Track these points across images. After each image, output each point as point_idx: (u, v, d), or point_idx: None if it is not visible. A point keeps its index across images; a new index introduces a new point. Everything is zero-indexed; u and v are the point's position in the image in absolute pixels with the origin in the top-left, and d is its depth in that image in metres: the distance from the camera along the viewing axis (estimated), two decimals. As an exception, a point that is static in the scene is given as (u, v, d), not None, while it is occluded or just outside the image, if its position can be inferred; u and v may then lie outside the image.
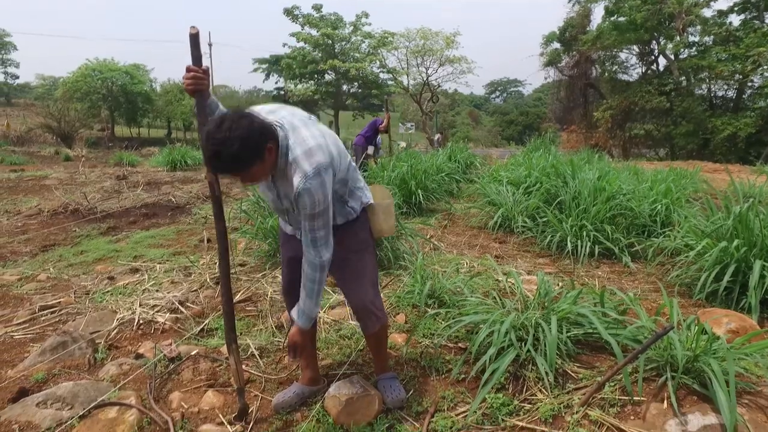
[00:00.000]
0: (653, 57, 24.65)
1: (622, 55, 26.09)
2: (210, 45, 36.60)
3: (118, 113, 34.67)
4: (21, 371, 2.49)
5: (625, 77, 26.12)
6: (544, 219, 4.84)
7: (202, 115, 1.89)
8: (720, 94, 22.97)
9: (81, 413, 2.07)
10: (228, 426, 2.06)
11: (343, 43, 31.95)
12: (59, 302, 3.40)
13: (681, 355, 2.06)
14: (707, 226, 3.79)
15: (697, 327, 2.15)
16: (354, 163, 2.04)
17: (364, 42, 31.76)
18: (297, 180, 1.73)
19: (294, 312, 1.94)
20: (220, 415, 2.12)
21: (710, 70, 20.25)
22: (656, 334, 1.94)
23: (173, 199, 7.38)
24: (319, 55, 31.17)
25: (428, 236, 4.92)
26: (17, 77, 51.07)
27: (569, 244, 4.33)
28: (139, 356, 2.63)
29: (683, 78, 22.38)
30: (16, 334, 2.94)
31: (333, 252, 1.95)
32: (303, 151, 1.74)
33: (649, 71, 24.85)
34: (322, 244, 1.83)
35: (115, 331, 2.92)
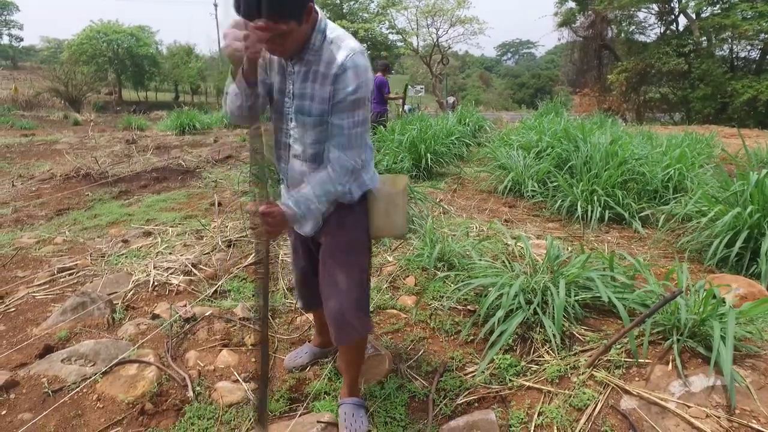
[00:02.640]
0: (673, 16, 23.67)
1: (641, 15, 25.08)
2: (215, 5, 35.83)
3: (125, 77, 34.41)
4: (45, 329, 2.58)
5: (642, 38, 25.21)
6: (555, 184, 4.81)
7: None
8: (742, 55, 22.15)
9: (103, 369, 2.16)
10: (243, 383, 2.14)
11: (352, 2, 31.06)
12: (76, 264, 3.49)
13: (686, 318, 2.08)
14: (720, 192, 3.75)
15: (705, 292, 2.16)
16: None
17: (373, 1, 30.84)
18: (342, 55, 1.46)
19: (292, 200, 1.54)
20: (235, 373, 2.20)
21: (734, 29, 19.43)
22: (664, 299, 1.95)
23: (183, 163, 7.40)
24: (328, 15, 30.37)
25: (438, 200, 4.92)
26: (21, 39, 50.57)
27: (579, 208, 4.31)
28: (155, 316, 2.71)
29: (704, 38, 21.54)
30: (37, 294, 3.03)
31: (322, 245, 1.74)
32: (345, 33, 1.53)
33: (668, 31, 23.93)
34: (359, 145, 1.55)
35: (131, 293, 3.00)
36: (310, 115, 1.54)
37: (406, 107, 16.94)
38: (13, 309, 2.87)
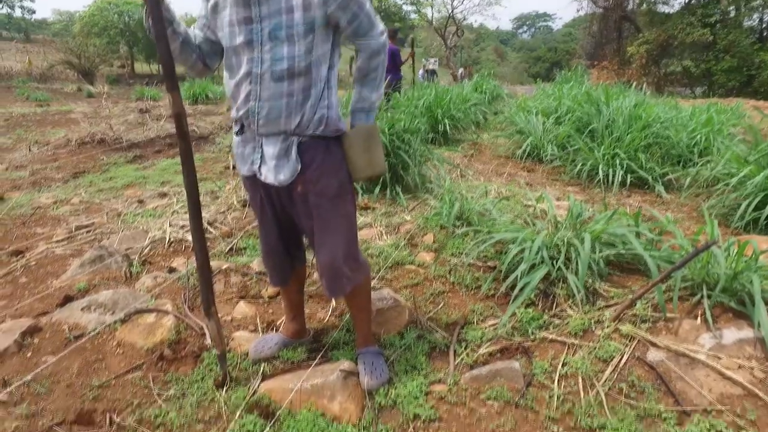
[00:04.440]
0: (700, -16, 22.74)
1: (665, -16, 24.13)
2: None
3: (137, 49, 34.20)
4: (64, 281, 2.59)
5: (665, 9, 24.31)
6: (575, 147, 4.68)
7: (157, 18, 1.41)
8: (772, 24, 21.31)
9: (122, 317, 2.16)
10: (261, 333, 2.12)
11: (365, -29, 30.32)
12: (93, 222, 3.49)
13: (720, 272, 2.01)
14: (752, 154, 3.61)
15: (738, 248, 2.08)
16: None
17: (387, -30, 30.09)
18: None
19: (361, 114, 1.61)
20: (256, 322, 2.19)
21: (765, -3, 18.66)
22: (697, 249, 1.88)
23: (196, 130, 7.35)
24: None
25: (455, 164, 4.83)
26: (34, 12, 50.46)
27: (601, 172, 4.20)
28: (172, 270, 2.70)
29: (732, 8, 20.69)
30: (56, 249, 3.05)
31: (299, 196, 1.60)
32: None
33: (692, 1, 23.03)
34: (375, 17, 1.55)
35: (147, 248, 3.00)
36: (291, 27, 1.42)
37: (420, 72, 16.59)
38: (33, 263, 2.88)
